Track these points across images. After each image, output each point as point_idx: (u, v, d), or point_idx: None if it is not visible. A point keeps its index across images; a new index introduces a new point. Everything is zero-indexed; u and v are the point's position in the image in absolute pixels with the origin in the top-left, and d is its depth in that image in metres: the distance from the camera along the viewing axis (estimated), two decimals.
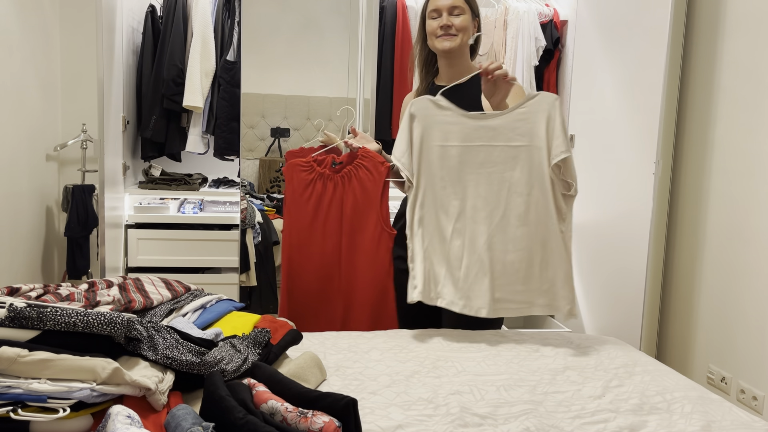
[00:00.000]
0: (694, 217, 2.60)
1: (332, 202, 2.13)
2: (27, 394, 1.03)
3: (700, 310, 2.55)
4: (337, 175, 2.13)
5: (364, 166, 2.11)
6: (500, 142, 1.87)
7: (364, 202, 2.11)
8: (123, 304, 1.47)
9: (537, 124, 1.86)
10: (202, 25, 3.03)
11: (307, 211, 2.14)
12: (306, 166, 2.14)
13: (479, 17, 2.07)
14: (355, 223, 2.12)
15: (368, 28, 3.00)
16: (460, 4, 1.99)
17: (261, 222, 3.06)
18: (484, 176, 1.88)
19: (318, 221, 2.14)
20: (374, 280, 2.12)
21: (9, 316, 1.11)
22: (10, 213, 2.84)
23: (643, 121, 2.55)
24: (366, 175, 2.11)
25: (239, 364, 1.28)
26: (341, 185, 2.12)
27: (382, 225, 2.11)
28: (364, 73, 3.14)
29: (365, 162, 2.11)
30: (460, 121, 1.87)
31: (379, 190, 2.11)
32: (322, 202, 2.13)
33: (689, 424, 1.33)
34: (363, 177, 2.11)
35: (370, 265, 2.12)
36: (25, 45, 2.94)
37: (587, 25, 2.98)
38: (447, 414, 1.32)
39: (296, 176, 2.14)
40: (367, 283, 2.13)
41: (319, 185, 2.13)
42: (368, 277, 2.13)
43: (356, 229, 2.13)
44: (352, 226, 2.13)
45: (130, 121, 3.08)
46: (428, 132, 1.89)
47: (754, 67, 2.31)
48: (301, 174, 2.14)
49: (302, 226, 2.15)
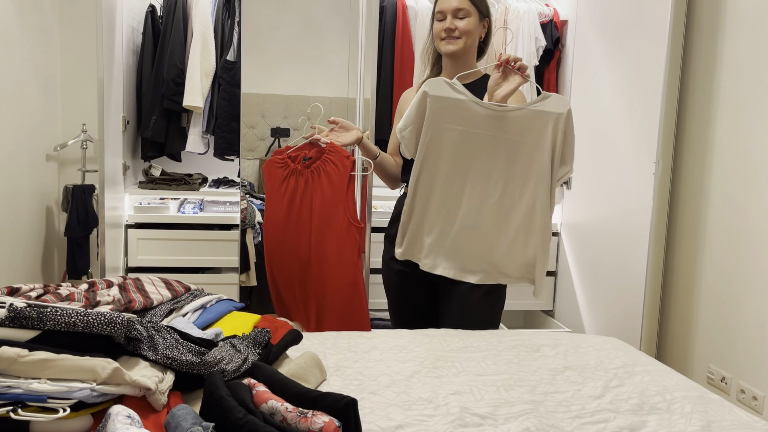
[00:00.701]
0: (694, 217, 2.60)
1: (303, 197, 2.17)
2: (27, 394, 1.03)
3: (700, 310, 2.55)
4: (308, 170, 2.15)
5: (330, 160, 2.14)
6: (507, 135, 1.89)
7: (332, 196, 2.15)
8: (123, 304, 1.47)
9: (546, 124, 1.89)
10: (202, 25, 3.03)
11: (283, 207, 2.18)
12: (281, 163, 2.19)
13: (490, 17, 2.06)
14: (323, 217, 2.16)
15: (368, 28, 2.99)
16: (466, 6, 1.97)
17: (261, 222, 3.06)
18: (486, 164, 1.91)
19: (292, 216, 2.19)
20: (343, 273, 2.15)
21: (9, 316, 1.11)
22: (10, 213, 2.84)
23: (643, 121, 2.55)
24: (333, 169, 2.14)
25: (239, 364, 1.28)
26: (311, 180, 2.17)
27: (349, 219, 2.13)
28: (364, 73, 3.13)
29: (332, 156, 2.14)
30: (472, 108, 1.89)
31: (345, 183, 2.13)
32: (294, 197, 2.17)
33: (689, 424, 1.33)
34: (330, 171, 2.14)
35: (339, 258, 2.16)
36: (25, 45, 2.94)
37: (587, 25, 2.98)
38: (447, 414, 1.32)
39: (273, 173, 2.20)
40: (337, 276, 2.16)
41: (293, 181, 2.17)
42: (337, 272, 2.15)
43: (325, 224, 2.17)
44: (321, 221, 2.17)
45: (130, 121, 3.08)
46: (440, 112, 1.90)
47: (754, 68, 2.31)
48: (277, 170, 2.19)
49: (278, 221, 2.19)
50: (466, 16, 1.98)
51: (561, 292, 3.22)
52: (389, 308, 2.19)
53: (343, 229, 2.14)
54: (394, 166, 2.18)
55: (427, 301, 2.10)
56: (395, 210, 2.15)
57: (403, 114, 2.18)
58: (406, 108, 2.17)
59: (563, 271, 3.19)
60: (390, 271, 2.12)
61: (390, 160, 2.18)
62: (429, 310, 2.11)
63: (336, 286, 2.15)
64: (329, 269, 2.15)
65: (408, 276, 2.08)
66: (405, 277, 2.09)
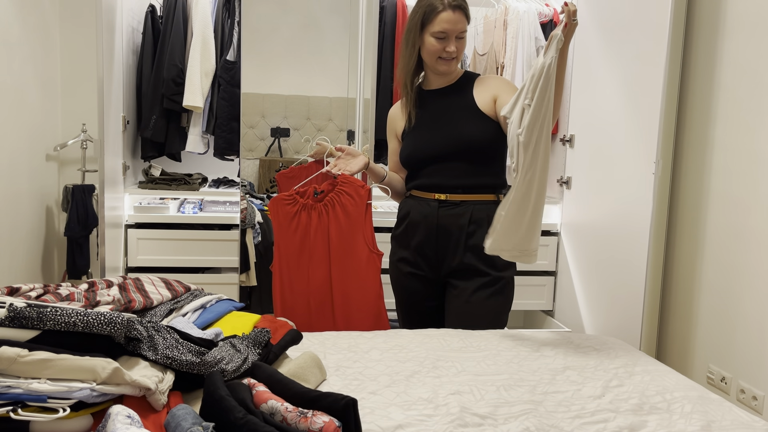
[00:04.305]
0: (694, 217, 2.60)
1: (318, 231, 2.12)
2: (27, 394, 1.03)
3: (700, 310, 2.55)
4: (320, 203, 2.12)
5: (345, 191, 2.10)
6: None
7: (349, 227, 2.11)
8: (123, 304, 1.47)
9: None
10: (202, 25, 3.03)
11: (295, 243, 2.13)
12: (289, 200, 2.14)
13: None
14: (342, 249, 2.12)
15: (368, 28, 3.00)
16: (466, 27, 1.95)
17: (261, 222, 3.06)
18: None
19: (305, 251, 2.14)
20: (367, 304, 2.12)
21: (9, 316, 1.11)
22: (10, 213, 2.84)
23: (643, 121, 2.55)
24: (348, 200, 2.10)
25: (239, 364, 1.28)
26: (325, 213, 2.12)
27: (369, 248, 2.11)
28: (364, 73, 3.14)
29: (346, 188, 2.10)
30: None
31: (362, 214, 2.11)
32: (308, 232, 2.13)
33: (689, 424, 1.33)
34: (345, 203, 2.11)
35: (361, 289, 2.12)
36: (25, 44, 2.94)
37: (587, 25, 2.98)
38: (447, 414, 1.32)
39: (281, 210, 2.14)
40: (361, 308, 2.12)
41: (304, 216, 2.13)
42: (361, 301, 2.12)
43: (344, 255, 2.12)
44: (340, 253, 2.12)
45: (130, 121, 3.08)
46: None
47: (754, 67, 2.31)
48: (285, 208, 2.14)
49: (291, 257, 2.14)
50: (463, 34, 1.96)
51: (561, 292, 3.22)
52: (397, 308, 2.19)
53: (364, 259, 2.11)
54: (399, 181, 2.18)
55: (436, 301, 2.10)
56: (399, 212, 2.14)
57: (396, 131, 2.16)
58: (398, 124, 2.15)
59: (563, 270, 3.19)
60: (398, 272, 2.12)
61: (396, 177, 2.17)
62: (437, 311, 2.11)
63: (361, 316, 2.12)
64: (353, 300, 2.13)
65: (417, 277, 2.08)
66: (413, 278, 2.09)
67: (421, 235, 2.04)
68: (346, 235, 2.11)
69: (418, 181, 2.07)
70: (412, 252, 2.07)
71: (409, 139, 2.08)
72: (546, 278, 3.26)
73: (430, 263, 2.05)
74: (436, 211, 2.00)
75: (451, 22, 1.92)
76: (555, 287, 3.27)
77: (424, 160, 2.04)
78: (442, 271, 2.04)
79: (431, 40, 1.95)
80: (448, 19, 1.91)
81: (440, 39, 1.94)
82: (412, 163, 2.08)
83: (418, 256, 2.06)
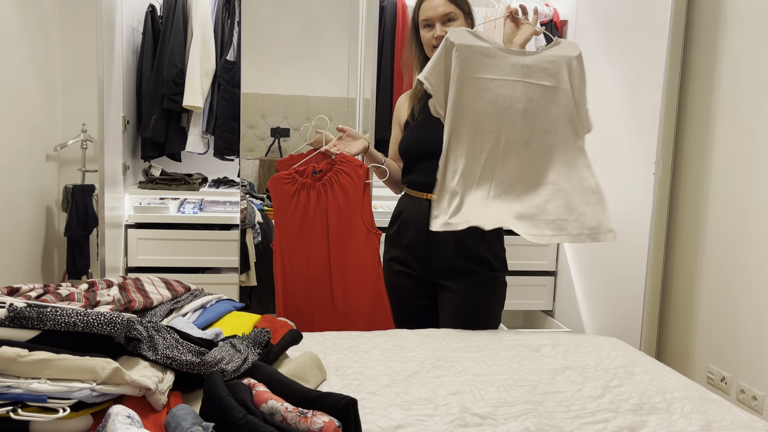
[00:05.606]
0: (694, 217, 2.60)
1: (317, 211, 2.14)
2: (27, 394, 1.03)
3: (700, 310, 2.55)
4: (319, 183, 2.13)
5: (343, 171, 2.11)
6: (534, 80, 1.88)
7: (347, 207, 2.12)
8: (123, 304, 1.47)
9: (561, 68, 1.90)
10: (202, 25, 3.03)
11: (294, 222, 2.14)
12: (288, 179, 2.15)
13: (472, 14, 2.05)
14: (340, 228, 2.13)
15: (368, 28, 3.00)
16: (452, 9, 1.97)
17: (261, 222, 3.06)
18: (520, 111, 1.88)
19: (304, 231, 2.14)
20: (366, 284, 2.12)
21: (9, 316, 1.11)
22: (10, 213, 2.84)
23: (643, 121, 2.55)
24: (346, 179, 2.11)
25: (239, 364, 1.28)
26: (323, 193, 2.13)
27: (367, 228, 2.12)
28: (364, 73, 3.14)
29: (344, 167, 2.11)
30: (497, 54, 1.86)
31: (360, 193, 2.12)
32: (306, 211, 2.14)
33: (689, 424, 1.33)
34: (344, 182, 2.11)
35: (360, 269, 2.13)
36: (25, 44, 2.94)
37: (587, 25, 2.98)
38: (447, 414, 1.32)
39: (280, 189, 2.15)
40: (360, 288, 2.13)
41: (303, 195, 2.14)
42: (359, 281, 2.13)
43: (342, 235, 2.13)
44: (338, 232, 2.13)
45: (130, 121, 3.08)
46: (467, 62, 1.85)
47: (754, 67, 2.31)
48: (284, 187, 2.15)
49: (290, 237, 2.16)
50: (452, 20, 1.97)
51: (561, 292, 3.22)
52: (391, 307, 2.19)
53: (362, 239, 2.12)
54: (397, 170, 2.19)
55: (428, 300, 2.10)
56: (396, 210, 2.16)
57: (399, 120, 2.18)
58: (402, 114, 2.17)
59: (563, 271, 3.19)
60: (390, 271, 2.13)
61: (394, 165, 2.18)
62: (430, 310, 2.11)
63: (360, 295, 2.13)
64: (352, 280, 2.13)
65: (408, 276, 2.08)
66: (404, 277, 2.09)
67: (412, 235, 2.05)
68: (344, 215, 2.13)
69: (411, 177, 2.08)
70: (403, 251, 2.08)
71: (409, 132, 2.09)
72: (546, 278, 3.26)
73: (420, 263, 2.06)
74: (426, 211, 2.00)
75: (431, 9, 1.97)
76: (555, 287, 3.27)
77: (419, 156, 2.05)
78: (432, 271, 2.05)
79: (422, 32, 2.01)
80: (429, 6, 1.97)
81: (428, 27, 1.99)
82: (408, 156, 2.09)
83: (408, 256, 2.07)
